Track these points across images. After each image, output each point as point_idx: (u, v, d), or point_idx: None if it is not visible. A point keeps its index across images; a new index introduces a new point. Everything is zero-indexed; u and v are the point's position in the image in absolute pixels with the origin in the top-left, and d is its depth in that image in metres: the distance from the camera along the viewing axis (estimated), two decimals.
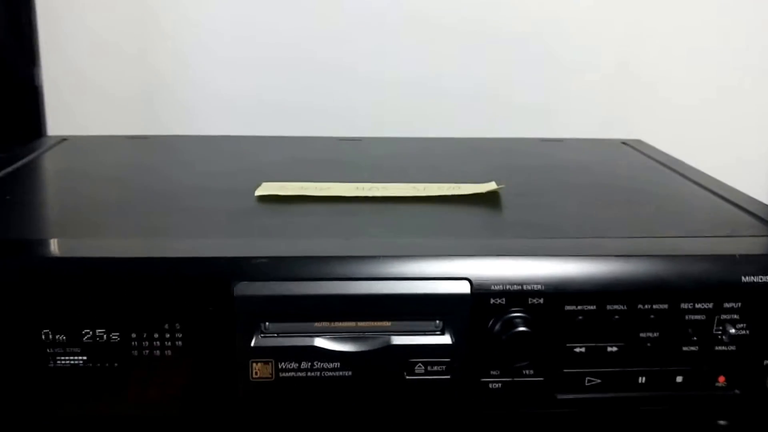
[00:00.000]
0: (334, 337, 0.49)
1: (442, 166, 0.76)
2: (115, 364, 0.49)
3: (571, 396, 0.52)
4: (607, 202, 0.65)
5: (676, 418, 0.55)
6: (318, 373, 0.49)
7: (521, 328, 0.49)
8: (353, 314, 0.49)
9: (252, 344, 0.48)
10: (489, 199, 0.63)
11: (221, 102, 0.96)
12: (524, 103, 0.98)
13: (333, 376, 0.49)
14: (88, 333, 0.49)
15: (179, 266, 0.48)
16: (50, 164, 0.73)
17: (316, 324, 0.49)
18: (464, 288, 0.49)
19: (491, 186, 0.64)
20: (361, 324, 0.49)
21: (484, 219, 0.60)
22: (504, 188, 0.64)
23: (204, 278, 0.48)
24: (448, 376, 0.50)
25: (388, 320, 0.49)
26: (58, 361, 0.49)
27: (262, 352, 0.49)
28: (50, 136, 0.81)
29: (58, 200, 0.65)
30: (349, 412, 0.50)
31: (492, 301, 0.49)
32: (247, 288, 0.48)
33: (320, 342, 0.49)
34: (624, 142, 0.88)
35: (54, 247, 0.51)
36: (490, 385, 0.51)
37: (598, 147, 0.85)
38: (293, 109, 0.97)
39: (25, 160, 0.72)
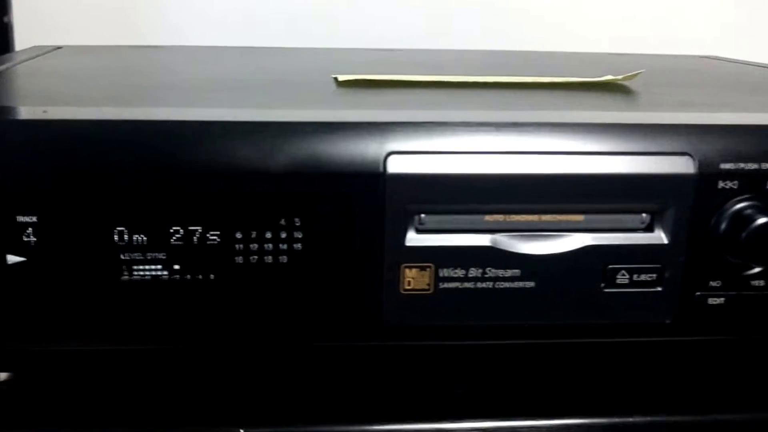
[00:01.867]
0: (513, 236, 0.36)
1: (530, 71, 0.60)
2: (211, 276, 0.36)
3: None
4: (746, 90, 0.53)
5: None
6: (490, 284, 0.36)
7: (762, 220, 0.36)
8: (536, 204, 0.36)
9: (405, 243, 0.35)
10: (619, 89, 0.49)
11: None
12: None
13: (509, 288, 0.37)
14: (177, 232, 0.35)
15: (303, 133, 0.35)
16: (60, 65, 0.59)
17: (487, 218, 0.36)
18: (685, 166, 0.36)
19: (627, 73, 0.51)
20: (545, 218, 0.36)
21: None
22: (642, 74, 0.51)
23: (344, 150, 0.35)
24: (658, 288, 0.37)
25: (580, 213, 0.37)
26: (135, 273, 0.36)
27: (418, 254, 0.36)
28: (39, 46, 0.67)
29: (115, 85, 0.50)
30: (530, 335, 0.38)
31: (721, 184, 0.37)
32: (403, 163, 0.35)
33: (495, 241, 0.36)
34: (702, 57, 0.75)
35: (124, 111, 0.37)
36: (709, 301, 0.38)
37: (679, 60, 0.72)
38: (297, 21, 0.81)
39: (17, 64, 0.57)
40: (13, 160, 0.34)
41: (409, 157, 0.35)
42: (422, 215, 0.36)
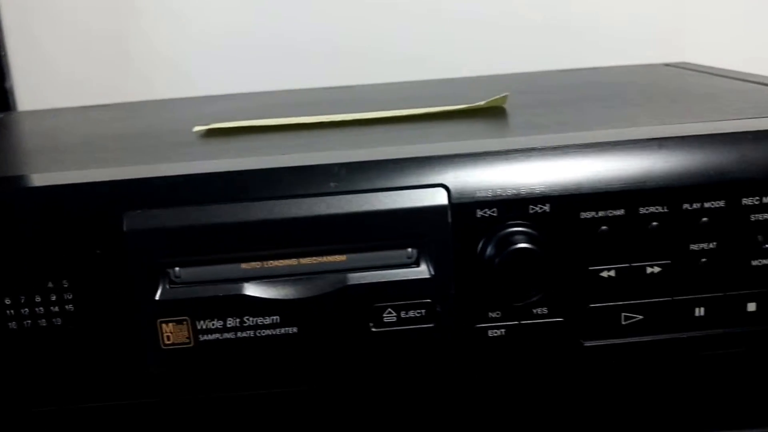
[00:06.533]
0: (270, 282, 0.36)
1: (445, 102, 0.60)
2: None
3: (602, 342, 0.38)
4: (636, 102, 0.52)
5: (751, 364, 0.41)
6: (251, 333, 0.36)
7: (520, 245, 0.35)
8: (293, 247, 0.36)
9: (157, 297, 0.36)
10: (492, 113, 0.49)
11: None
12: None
13: (272, 336, 0.36)
14: None
15: (53, 197, 0.36)
16: None
17: (244, 266, 0.36)
18: (439, 198, 0.36)
19: (492, 99, 0.50)
20: (304, 261, 0.36)
21: (473, 126, 0.47)
22: (508, 96, 0.50)
23: (85, 211, 0.35)
24: (431, 324, 0.37)
25: (342, 253, 0.36)
26: None
27: (172, 309, 0.36)
28: None
29: None
30: (298, 383, 0.37)
31: (479, 213, 0.36)
32: (142, 219, 0.35)
33: (251, 289, 0.36)
34: (667, 65, 0.73)
35: None
36: (490, 333, 0.37)
37: (634, 72, 0.69)
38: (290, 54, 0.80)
39: None
40: None
41: (148, 213, 0.35)
42: (177, 269, 0.36)
